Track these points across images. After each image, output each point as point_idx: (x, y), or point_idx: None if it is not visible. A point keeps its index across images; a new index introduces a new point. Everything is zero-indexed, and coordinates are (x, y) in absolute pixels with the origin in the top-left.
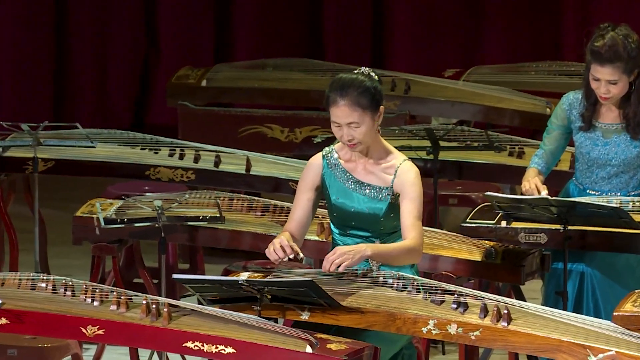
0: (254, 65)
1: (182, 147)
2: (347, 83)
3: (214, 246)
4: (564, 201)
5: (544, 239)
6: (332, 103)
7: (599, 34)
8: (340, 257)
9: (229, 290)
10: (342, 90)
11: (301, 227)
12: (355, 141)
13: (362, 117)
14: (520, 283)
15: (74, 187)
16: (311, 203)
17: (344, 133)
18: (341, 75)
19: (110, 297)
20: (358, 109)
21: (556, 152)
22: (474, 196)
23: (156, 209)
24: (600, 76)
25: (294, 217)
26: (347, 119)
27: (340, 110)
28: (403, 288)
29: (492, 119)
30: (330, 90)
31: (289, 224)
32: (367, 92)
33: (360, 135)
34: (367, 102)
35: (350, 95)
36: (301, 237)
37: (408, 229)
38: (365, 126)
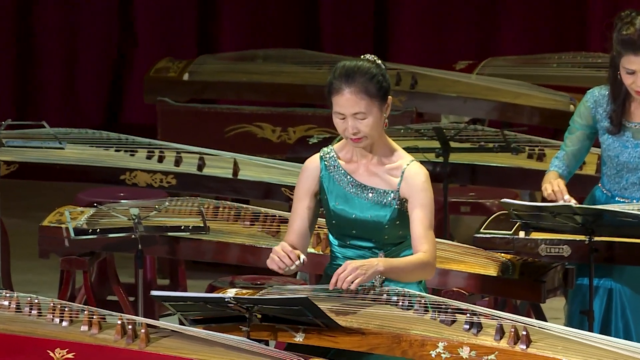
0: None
1: (162, 148)
2: (353, 69)
3: (198, 259)
4: (589, 209)
5: (567, 251)
6: (336, 91)
7: (625, 21)
8: (352, 272)
9: (214, 309)
10: (348, 76)
11: (302, 238)
12: (360, 135)
13: (369, 106)
14: (540, 301)
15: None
16: (311, 212)
17: (349, 125)
18: (344, 62)
19: (81, 317)
20: (365, 97)
21: (579, 154)
22: (488, 203)
23: (132, 218)
24: (634, 67)
25: (293, 228)
26: (353, 109)
27: (346, 98)
28: (409, 306)
29: (508, 117)
30: (333, 77)
31: (288, 237)
32: (375, 79)
33: (367, 127)
34: (374, 90)
35: (356, 82)
36: (304, 249)
37: (420, 241)
38: (373, 118)
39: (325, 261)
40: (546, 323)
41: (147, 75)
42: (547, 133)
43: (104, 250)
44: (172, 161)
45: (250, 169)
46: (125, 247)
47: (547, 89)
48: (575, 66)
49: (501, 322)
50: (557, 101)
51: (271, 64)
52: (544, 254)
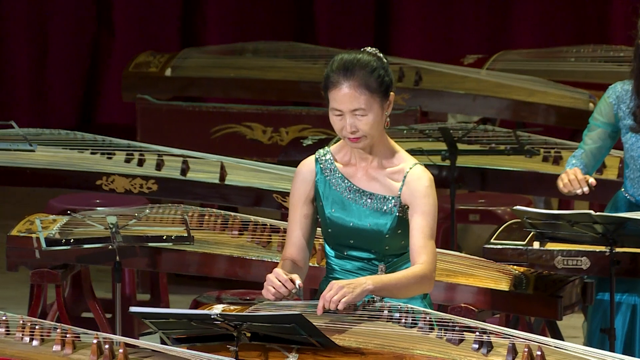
0: (229, 50)
1: (142, 151)
2: (352, 62)
3: (181, 272)
4: (611, 217)
5: (586, 263)
6: (334, 85)
7: None
8: (338, 292)
9: (199, 326)
10: (346, 69)
11: (302, 250)
12: (359, 134)
13: (369, 102)
14: (556, 318)
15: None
16: (309, 220)
17: (347, 123)
18: (343, 54)
19: (53, 335)
20: (365, 91)
21: (599, 154)
22: (499, 211)
23: (110, 227)
24: None
25: (291, 240)
26: (351, 105)
27: (344, 93)
28: (413, 324)
29: (522, 117)
30: (331, 70)
31: (288, 250)
32: (375, 72)
33: (366, 126)
34: (376, 85)
35: (356, 76)
36: (305, 262)
37: (418, 252)
38: (373, 115)
39: (321, 274)
40: (563, 342)
41: (126, 70)
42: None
43: (78, 263)
44: (153, 165)
45: (238, 174)
46: (102, 258)
47: (565, 85)
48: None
49: (513, 341)
50: (575, 99)
51: (261, 58)
52: (560, 267)
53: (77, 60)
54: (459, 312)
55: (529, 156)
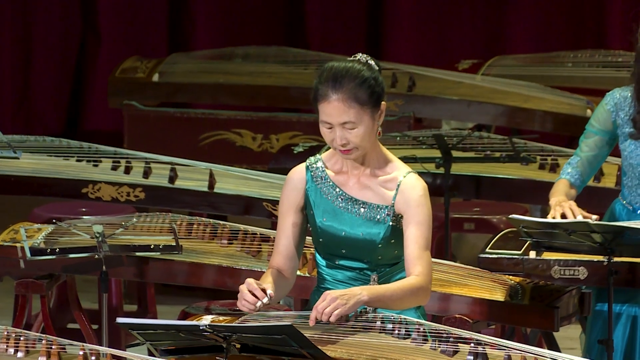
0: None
1: (129, 158)
2: (341, 73)
3: (169, 283)
4: (608, 226)
5: (584, 273)
6: (322, 98)
7: None
8: (332, 303)
9: (188, 337)
10: (335, 81)
11: (290, 259)
12: (350, 146)
13: (359, 115)
14: (553, 329)
15: None
16: (298, 229)
17: (337, 136)
18: (332, 63)
19: (38, 347)
20: (355, 104)
21: (595, 162)
22: (495, 220)
23: (96, 236)
24: None
25: (278, 248)
26: (341, 118)
27: (333, 106)
28: (406, 335)
29: (518, 123)
30: (319, 82)
31: (275, 259)
32: (365, 83)
33: (357, 138)
34: (366, 97)
35: (345, 88)
36: (292, 272)
37: (413, 262)
38: (364, 127)
39: (312, 284)
40: (560, 354)
41: (112, 76)
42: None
43: (64, 272)
44: (140, 172)
45: (227, 181)
46: (88, 268)
47: (561, 91)
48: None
49: (509, 353)
50: (572, 105)
51: (251, 63)
52: (557, 277)
53: (63, 66)
54: (453, 323)
55: (525, 164)
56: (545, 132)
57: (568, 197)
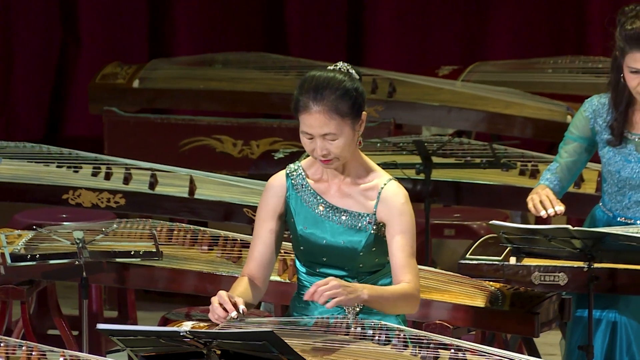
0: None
1: (109, 164)
2: (322, 84)
3: (149, 289)
4: (588, 232)
5: (564, 279)
6: (303, 109)
7: (630, 16)
8: (333, 289)
9: (168, 344)
10: (316, 92)
11: (263, 267)
12: (331, 156)
13: (340, 126)
14: (533, 335)
15: None
16: (274, 235)
17: (317, 146)
18: (313, 73)
19: (18, 353)
20: (336, 116)
21: (574, 168)
22: (475, 226)
23: (76, 242)
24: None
25: (253, 255)
26: (322, 129)
27: (314, 118)
28: (387, 341)
29: (498, 129)
30: (300, 93)
31: (248, 265)
32: (347, 95)
33: (338, 149)
34: (347, 108)
35: (326, 100)
36: (265, 280)
37: (401, 270)
38: (344, 138)
39: (292, 290)
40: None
41: (92, 82)
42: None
43: (44, 279)
44: (120, 178)
45: (208, 187)
46: (68, 274)
47: (542, 97)
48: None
49: (489, 359)
50: (552, 111)
51: (231, 69)
52: (537, 283)
53: (43, 72)
54: (434, 329)
55: (506, 170)
56: (525, 138)
57: None
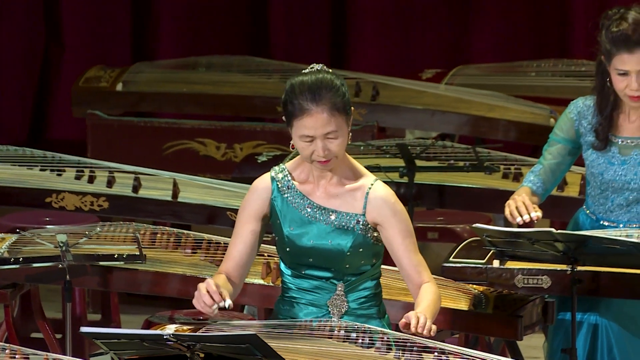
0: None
1: (92, 167)
2: (317, 84)
3: (133, 292)
4: (572, 235)
5: (547, 282)
6: (302, 112)
7: (615, 18)
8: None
9: (152, 347)
10: (313, 93)
11: (241, 267)
12: (331, 156)
13: (340, 123)
14: (517, 338)
15: None
16: (255, 236)
17: (319, 147)
18: (300, 78)
19: (1, 356)
20: (336, 113)
21: (558, 171)
22: (458, 229)
23: (60, 246)
24: (629, 67)
25: (232, 254)
26: (324, 129)
27: (315, 118)
28: (370, 344)
29: (481, 132)
30: (294, 97)
31: (226, 264)
32: (340, 92)
33: (338, 147)
34: (342, 105)
35: (325, 99)
36: (241, 279)
37: (416, 270)
38: (343, 135)
39: (275, 293)
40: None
41: (76, 85)
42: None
43: (27, 282)
44: (104, 182)
45: (191, 191)
46: (52, 278)
47: (525, 100)
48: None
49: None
50: (535, 114)
51: (215, 72)
52: (521, 286)
53: (27, 75)
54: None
55: (489, 173)
56: (508, 141)
57: None
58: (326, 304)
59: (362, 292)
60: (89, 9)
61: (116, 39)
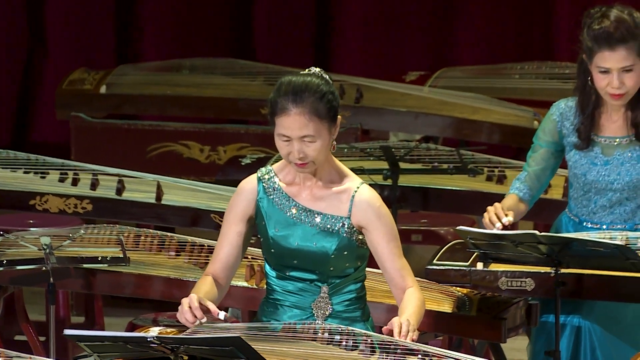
0: (166, 66)
1: (76, 170)
2: (301, 86)
3: (116, 294)
4: (555, 237)
5: (531, 285)
6: (282, 111)
7: (596, 16)
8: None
9: (135, 349)
10: (296, 95)
11: (227, 269)
12: (307, 159)
13: (318, 129)
14: (500, 340)
15: None
16: (241, 238)
17: (295, 149)
18: (290, 77)
19: None
20: (315, 118)
21: (543, 176)
22: (442, 231)
23: (43, 248)
24: (610, 65)
25: (219, 255)
26: (300, 131)
27: (293, 119)
28: (354, 346)
29: (465, 135)
30: (278, 95)
31: (212, 266)
32: (325, 98)
33: (315, 152)
34: (325, 111)
35: (305, 102)
36: (228, 281)
37: (400, 274)
38: (321, 141)
39: (260, 296)
40: None
41: (60, 87)
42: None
43: (11, 284)
44: (87, 184)
45: (175, 193)
46: (35, 280)
47: (509, 103)
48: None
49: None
50: (519, 117)
51: (199, 75)
52: (504, 288)
53: (10, 78)
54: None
55: (472, 175)
56: (492, 143)
57: (515, 211)
58: (310, 306)
59: (347, 294)
60: (73, 11)
61: (100, 42)
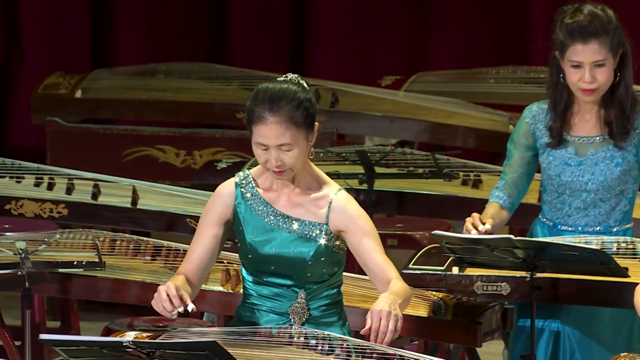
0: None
1: (52, 174)
2: (278, 94)
3: (92, 299)
4: (531, 242)
5: (507, 289)
6: (259, 119)
7: (570, 11)
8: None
9: (111, 354)
10: (272, 103)
11: (200, 270)
12: (285, 167)
13: (295, 137)
14: (476, 345)
15: None
16: (217, 241)
17: (272, 157)
18: (266, 84)
19: None
20: (292, 126)
21: (520, 183)
22: (418, 236)
23: (19, 253)
24: (583, 58)
25: (192, 256)
26: (277, 140)
27: (270, 128)
28: (330, 351)
29: (440, 139)
30: (254, 104)
31: (185, 265)
32: (302, 106)
33: (292, 159)
34: (302, 119)
35: (282, 110)
36: (199, 282)
37: (383, 268)
38: (299, 148)
39: (236, 300)
40: None
41: (35, 92)
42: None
43: None
44: (63, 189)
45: (151, 198)
46: (11, 285)
47: (484, 107)
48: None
49: None
50: (494, 121)
51: (174, 79)
52: (480, 292)
53: None
54: None
55: (448, 180)
56: (467, 148)
57: (497, 219)
58: (287, 311)
59: (324, 300)
60: (49, 15)
61: (75, 46)
